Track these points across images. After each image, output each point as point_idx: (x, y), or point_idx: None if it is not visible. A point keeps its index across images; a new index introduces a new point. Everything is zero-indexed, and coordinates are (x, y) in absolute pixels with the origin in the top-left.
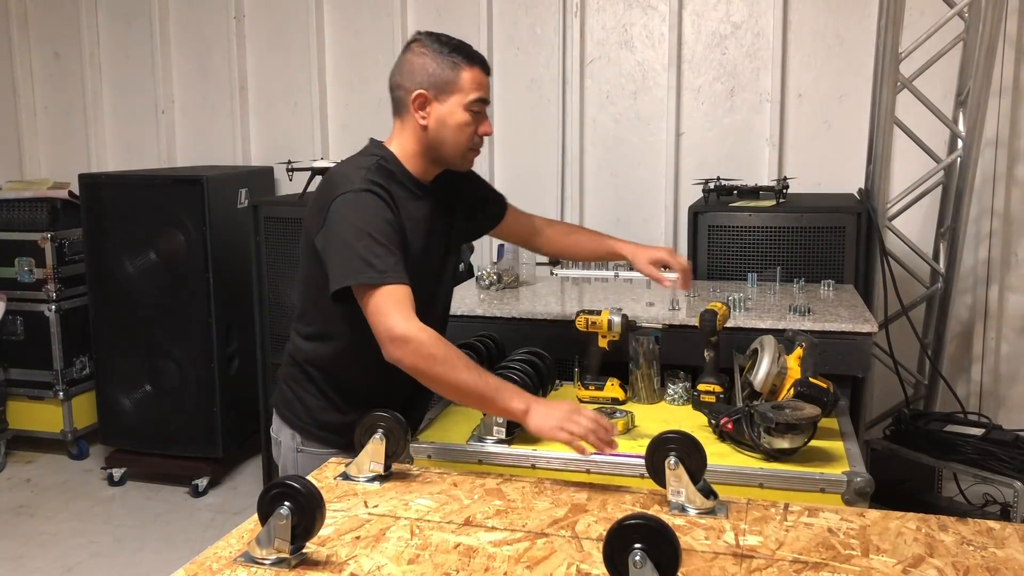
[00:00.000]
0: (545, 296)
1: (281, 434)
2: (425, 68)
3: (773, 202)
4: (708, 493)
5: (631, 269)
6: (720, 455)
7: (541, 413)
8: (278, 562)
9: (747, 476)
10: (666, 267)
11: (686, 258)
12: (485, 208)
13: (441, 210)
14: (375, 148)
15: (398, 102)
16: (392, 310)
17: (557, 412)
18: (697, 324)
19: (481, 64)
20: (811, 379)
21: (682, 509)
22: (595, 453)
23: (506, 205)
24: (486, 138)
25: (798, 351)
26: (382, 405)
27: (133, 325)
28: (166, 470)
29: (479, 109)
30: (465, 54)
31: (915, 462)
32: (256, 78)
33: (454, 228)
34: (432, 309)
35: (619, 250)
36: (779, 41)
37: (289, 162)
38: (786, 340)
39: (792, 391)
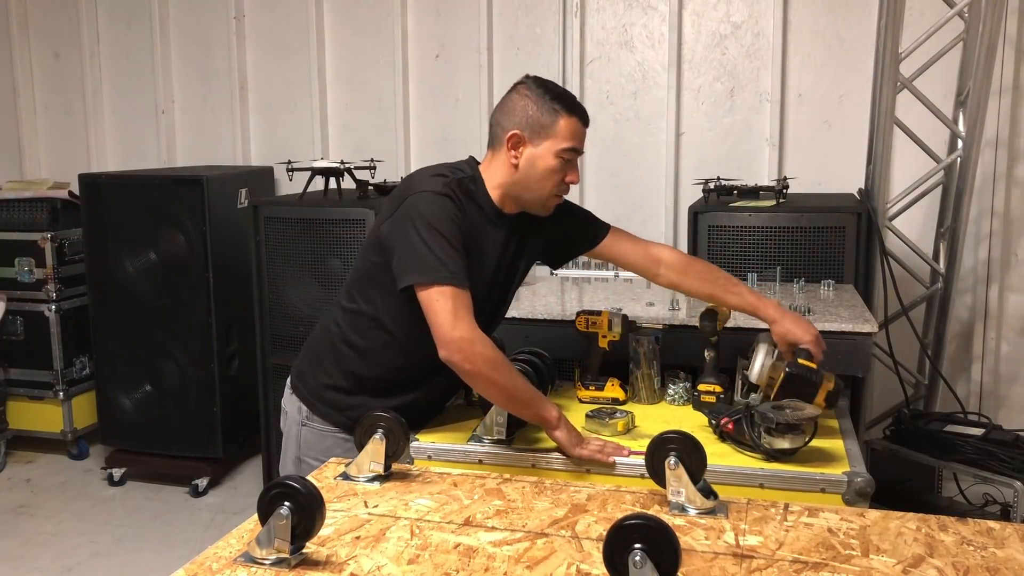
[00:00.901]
0: (545, 296)
1: (289, 404)
2: (526, 110)
3: (773, 202)
4: (708, 493)
5: None
6: (720, 455)
7: (568, 426)
8: (278, 562)
9: (747, 476)
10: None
11: (817, 335)
12: (577, 234)
13: (514, 243)
14: (467, 166)
15: (494, 138)
16: (458, 312)
17: (577, 436)
18: (697, 324)
19: (580, 115)
20: (801, 361)
21: (682, 509)
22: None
23: (603, 234)
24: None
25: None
26: (387, 399)
27: (133, 325)
28: (166, 470)
29: (570, 158)
30: (566, 103)
31: (915, 462)
32: (256, 78)
33: (531, 257)
34: (488, 328)
35: (760, 313)
36: (779, 41)
37: (289, 162)
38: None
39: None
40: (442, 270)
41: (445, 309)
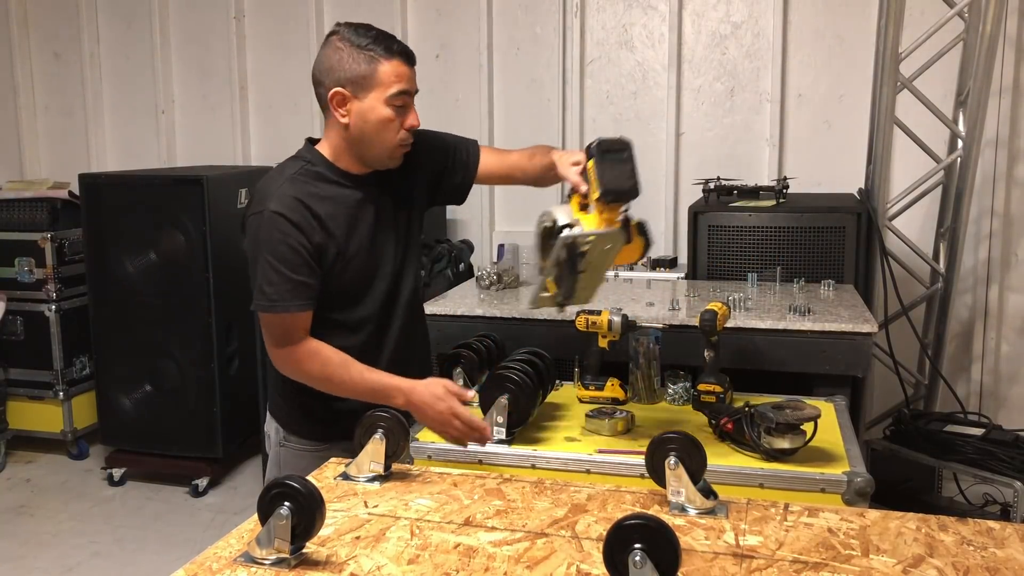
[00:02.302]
0: None
1: (268, 427)
2: (342, 63)
3: (773, 202)
4: (708, 493)
5: (631, 269)
6: (720, 455)
7: (418, 412)
8: (278, 562)
9: (747, 476)
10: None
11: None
12: (455, 163)
13: (389, 194)
14: (305, 151)
15: (320, 100)
16: (276, 333)
17: (432, 413)
18: (697, 324)
19: (401, 55)
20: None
21: (682, 509)
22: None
23: (478, 153)
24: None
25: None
26: (341, 409)
27: (133, 325)
28: (166, 470)
29: (403, 102)
30: (384, 46)
31: (915, 462)
32: (256, 78)
33: (413, 205)
34: (395, 294)
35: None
36: (779, 41)
37: None
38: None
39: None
40: (263, 300)
41: (265, 333)
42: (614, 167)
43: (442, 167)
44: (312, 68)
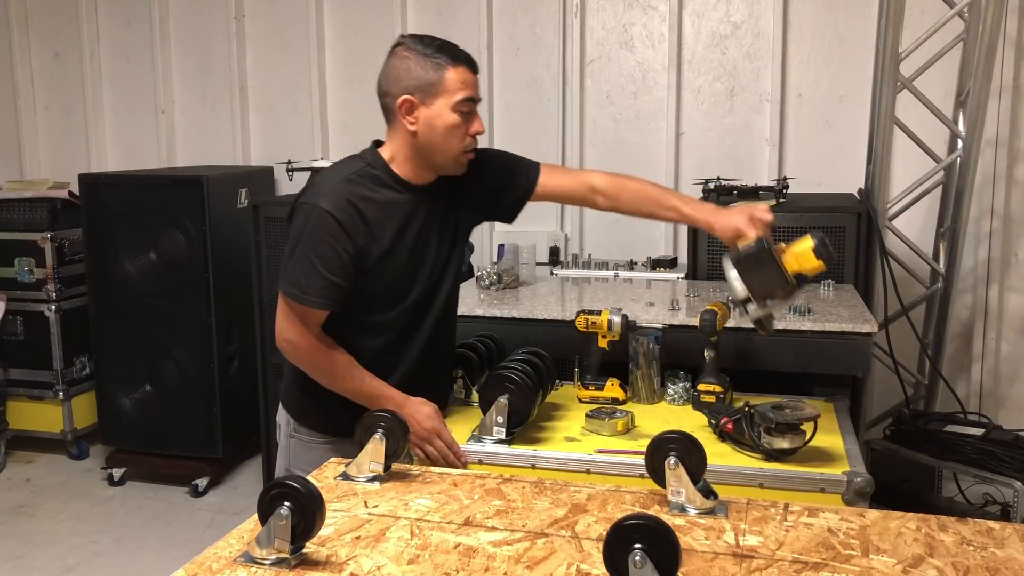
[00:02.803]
0: (545, 296)
1: (280, 417)
2: (409, 72)
3: (773, 202)
4: (708, 493)
5: (631, 269)
6: (720, 455)
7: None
8: (278, 562)
9: (747, 476)
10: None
11: (766, 211)
12: (511, 183)
13: (442, 207)
14: (368, 153)
15: (386, 109)
16: (294, 319)
17: (417, 428)
18: (697, 324)
19: (467, 62)
20: (739, 244)
21: (682, 509)
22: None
23: (536, 175)
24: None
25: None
26: (353, 405)
27: (133, 325)
28: (166, 470)
29: (468, 109)
30: (449, 54)
31: (915, 462)
32: (256, 78)
33: (462, 220)
34: (429, 302)
35: (698, 221)
36: (779, 41)
37: (289, 162)
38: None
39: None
40: (294, 289)
41: (281, 314)
42: (760, 276)
43: (502, 185)
44: (378, 79)
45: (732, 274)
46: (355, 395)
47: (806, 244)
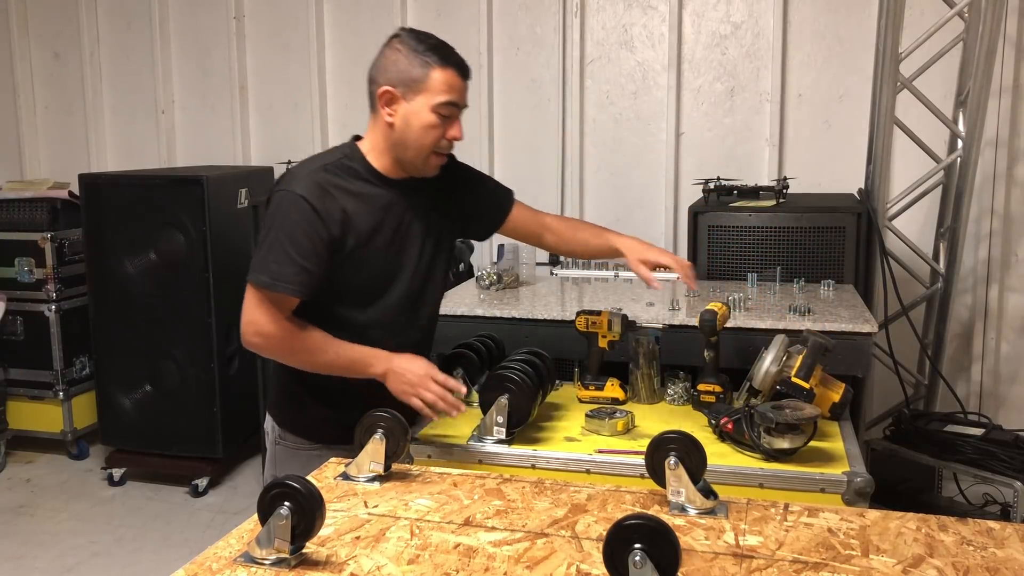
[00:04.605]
0: (545, 296)
1: (267, 424)
2: (397, 64)
3: (773, 202)
4: (708, 493)
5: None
6: (720, 455)
7: (396, 377)
8: (278, 562)
9: (747, 476)
10: (663, 268)
11: (685, 260)
12: (491, 202)
13: (421, 206)
14: (346, 146)
15: (371, 97)
16: (264, 308)
17: (410, 376)
18: (697, 324)
19: (456, 66)
20: (793, 379)
21: (682, 509)
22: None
23: (512, 200)
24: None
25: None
26: (339, 402)
27: (133, 325)
28: (166, 470)
29: (448, 113)
30: (440, 54)
31: (915, 462)
32: (256, 78)
33: (443, 227)
34: (411, 306)
35: (615, 244)
36: (779, 41)
37: (289, 162)
38: (801, 341)
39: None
40: (265, 276)
41: (248, 304)
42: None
43: (478, 203)
44: (370, 66)
45: (770, 368)
46: (338, 367)
47: (834, 398)
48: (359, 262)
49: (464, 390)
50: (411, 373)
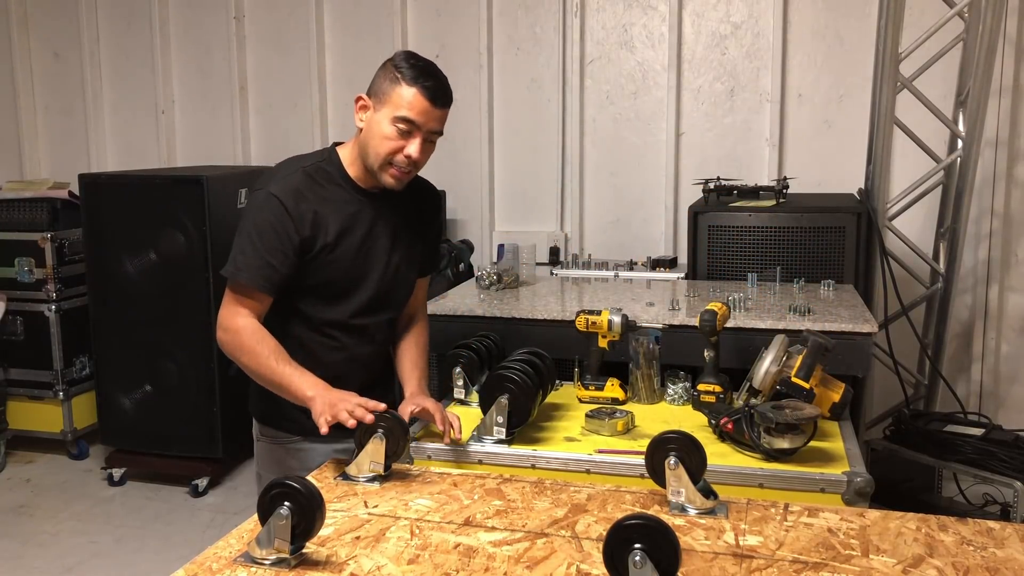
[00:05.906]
0: (545, 296)
1: (253, 423)
2: (377, 77)
3: (773, 202)
4: (708, 493)
5: (631, 269)
6: (720, 455)
7: (320, 399)
8: (278, 562)
9: (747, 476)
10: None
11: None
12: (424, 255)
13: (389, 219)
14: (326, 150)
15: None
16: (228, 303)
17: (333, 396)
18: (697, 324)
19: (424, 89)
20: (793, 378)
21: (682, 509)
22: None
23: (427, 276)
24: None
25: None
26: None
27: (133, 325)
28: (166, 470)
29: (406, 128)
30: (411, 73)
31: (915, 462)
32: (256, 78)
33: (412, 242)
34: (373, 311)
35: (406, 383)
36: (779, 41)
37: None
38: (801, 341)
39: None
40: (231, 266)
41: (223, 303)
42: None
43: (426, 248)
44: None
45: (769, 368)
46: (273, 383)
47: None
48: (326, 263)
49: (383, 407)
50: (335, 395)
